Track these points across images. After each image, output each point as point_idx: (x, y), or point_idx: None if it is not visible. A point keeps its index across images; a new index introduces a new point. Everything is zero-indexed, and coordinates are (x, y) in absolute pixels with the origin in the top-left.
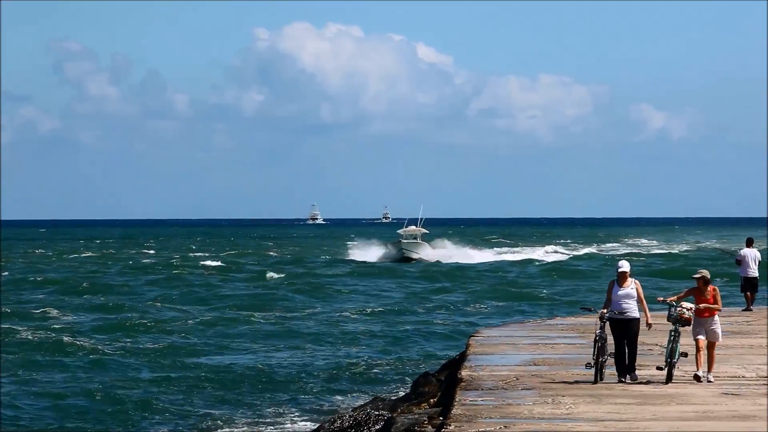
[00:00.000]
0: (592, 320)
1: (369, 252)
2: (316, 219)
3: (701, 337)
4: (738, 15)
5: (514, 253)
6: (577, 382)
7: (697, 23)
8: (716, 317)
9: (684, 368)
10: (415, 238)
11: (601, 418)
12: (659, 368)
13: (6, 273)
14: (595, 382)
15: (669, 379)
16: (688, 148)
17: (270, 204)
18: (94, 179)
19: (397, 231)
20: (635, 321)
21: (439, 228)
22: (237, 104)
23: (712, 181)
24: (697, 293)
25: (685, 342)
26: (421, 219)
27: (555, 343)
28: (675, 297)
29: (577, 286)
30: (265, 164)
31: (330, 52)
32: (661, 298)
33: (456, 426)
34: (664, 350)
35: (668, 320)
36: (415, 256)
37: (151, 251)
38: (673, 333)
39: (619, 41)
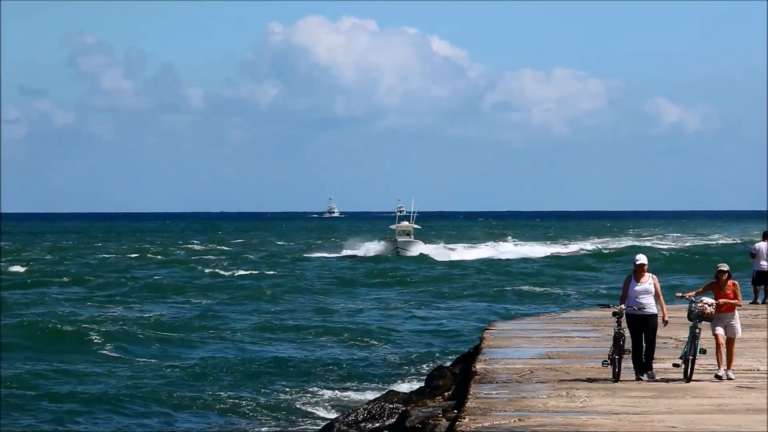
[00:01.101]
0: (607, 314)
1: (364, 248)
2: (333, 212)
3: (721, 332)
4: (753, 9)
5: (519, 245)
6: (592, 377)
7: (712, 17)
8: (735, 312)
9: (699, 361)
10: (408, 235)
11: (616, 411)
12: (676, 365)
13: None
14: (616, 380)
15: (689, 377)
16: (703, 141)
17: (284, 198)
18: (108, 173)
19: (390, 227)
20: (653, 317)
21: (453, 221)
22: (251, 98)
23: (726, 174)
24: (716, 288)
25: (702, 336)
26: (413, 213)
27: (569, 337)
28: (694, 292)
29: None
30: (279, 158)
31: (344, 46)
32: (680, 294)
33: (470, 419)
34: (683, 346)
35: (689, 317)
36: (409, 255)
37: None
38: (693, 329)
39: (634, 35)
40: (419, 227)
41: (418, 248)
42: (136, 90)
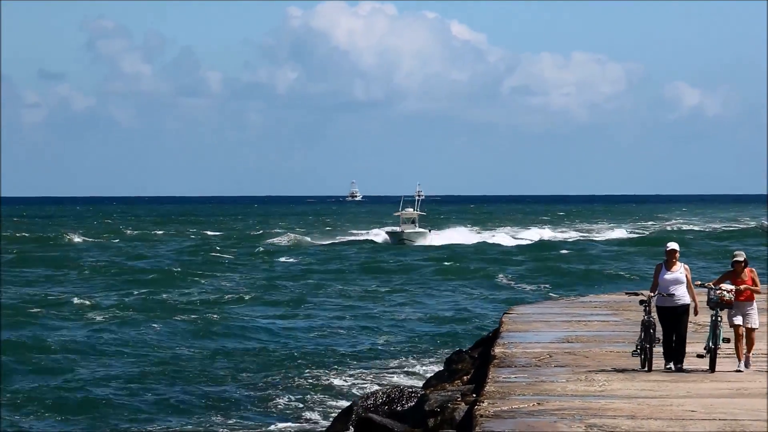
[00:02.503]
0: (626, 298)
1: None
2: (356, 196)
3: (739, 322)
4: None
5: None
6: (611, 361)
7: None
8: (754, 302)
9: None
10: (413, 222)
11: (635, 395)
12: (700, 356)
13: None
14: (648, 370)
15: (713, 367)
16: (723, 125)
17: (303, 182)
18: (127, 157)
19: (394, 213)
20: (685, 307)
21: (473, 205)
22: (270, 82)
23: (746, 159)
24: (733, 276)
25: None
26: (418, 200)
27: (588, 321)
28: (711, 282)
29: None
30: (298, 142)
31: (363, 30)
32: (699, 282)
33: (489, 403)
34: (703, 330)
35: (708, 305)
36: (416, 245)
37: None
38: (714, 318)
39: (653, 19)
40: (424, 213)
41: (426, 239)
42: (155, 74)
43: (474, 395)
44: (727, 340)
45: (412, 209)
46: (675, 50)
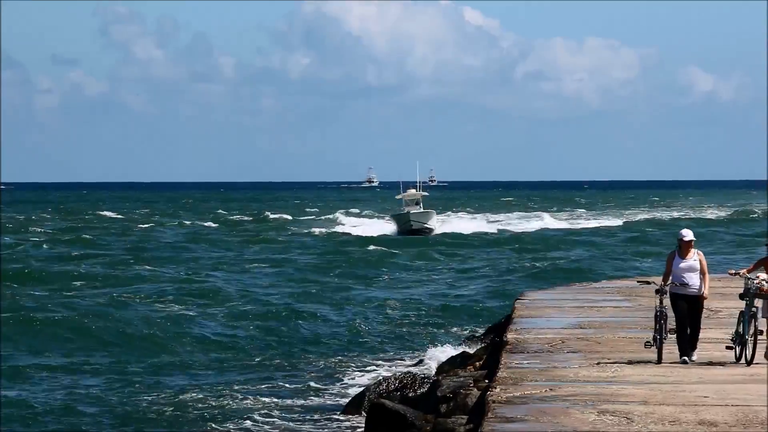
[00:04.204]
0: (638, 283)
1: (371, 226)
2: (373, 182)
3: None
4: None
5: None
6: (623, 347)
7: None
8: None
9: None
10: (418, 203)
11: (647, 380)
12: (729, 347)
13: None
14: (659, 362)
15: (749, 360)
16: (736, 110)
17: (317, 167)
18: (140, 142)
19: (396, 197)
20: (699, 297)
21: (488, 191)
22: (283, 68)
23: (759, 143)
24: (767, 264)
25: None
26: (421, 182)
27: (601, 306)
28: (745, 270)
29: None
30: (311, 128)
31: (376, 16)
32: (733, 271)
33: (502, 389)
34: (737, 328)
35: (744, 296)
36: (423, 227)
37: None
38: (750, 308)
39: (667, 4)
40: (427, 194)
41: (433, 221)
42: (168, 59)
43: (486, 381)
44: (761, 332)
45: (415, 189)
46: (688, 36)
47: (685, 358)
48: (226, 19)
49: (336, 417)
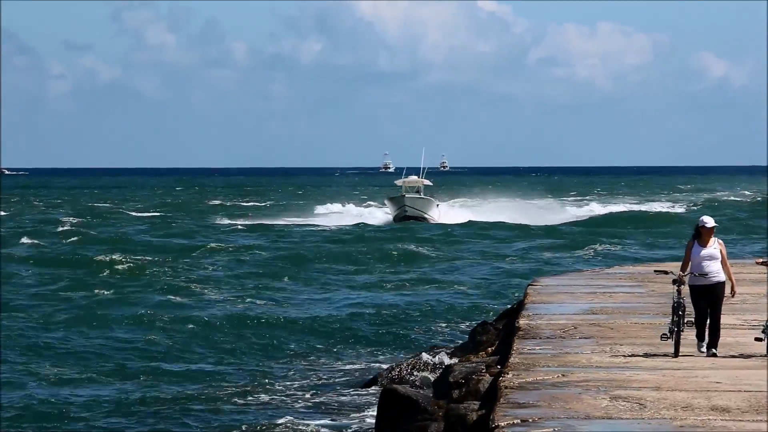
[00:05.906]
0: (651, 269)
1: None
2: (389, 168)
3: None
4: None
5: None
6: (635, 333)
7: None
8: None
9: (745, 318)
10: (418, 192)
11: (660, 366)
12: (758, 339)
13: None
14: (675, 355)
15: None
16: (749, 96)
17: (330, 153)
18: (152, 128)
19: (395, 182)
20: (720, 285)
21: (499, 177)
22: (295, 53)
23: None
24: None
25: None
26: (424, 168)
27: (613, 292)
28: None
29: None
30: (323, 113)
31: (388, 1)
32: (761, 260)
33: (514, 374)
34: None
35: None
36: (420, 215)
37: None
38: None
39: None
40: (431, 183)
41: (432, 209)
42: (181, 45)
43: (498, 367)
44: None
45: (416, 176)
46: (701, 21)
47: (704, 349)
48: (238, 5)
49: (346, 402)
